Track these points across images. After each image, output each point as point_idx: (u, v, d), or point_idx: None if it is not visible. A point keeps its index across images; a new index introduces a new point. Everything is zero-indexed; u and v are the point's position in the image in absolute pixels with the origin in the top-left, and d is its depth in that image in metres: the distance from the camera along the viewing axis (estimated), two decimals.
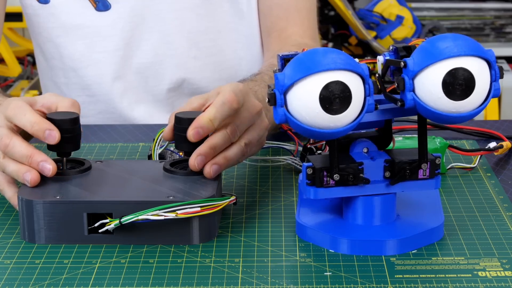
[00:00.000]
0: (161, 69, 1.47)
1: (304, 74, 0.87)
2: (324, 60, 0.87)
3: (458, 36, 0.89)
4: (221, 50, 1.49)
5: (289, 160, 1.16)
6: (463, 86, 0.88)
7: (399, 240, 0.92)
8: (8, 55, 3.18)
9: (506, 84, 3.22)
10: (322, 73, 0.86)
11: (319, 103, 0.86)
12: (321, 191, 0.92)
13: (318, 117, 0.87)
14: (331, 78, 0.86)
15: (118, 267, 0.90)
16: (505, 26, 3.53)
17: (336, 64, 0.87)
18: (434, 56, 0.88)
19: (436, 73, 0.88)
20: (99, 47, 1.45)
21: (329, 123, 0.87)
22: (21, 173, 0.98)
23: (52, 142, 0.99)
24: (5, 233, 0.98)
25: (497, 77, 0.90)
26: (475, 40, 0.90)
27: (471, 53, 0.88)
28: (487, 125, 1.28)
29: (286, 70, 0.88)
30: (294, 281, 0.87)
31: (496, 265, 0.90)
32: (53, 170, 0.98)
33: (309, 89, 0.87)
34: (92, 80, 1.47)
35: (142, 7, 1.44)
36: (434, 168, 0.94)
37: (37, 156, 0.98)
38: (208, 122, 0.98)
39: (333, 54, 0.88)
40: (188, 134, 0.98)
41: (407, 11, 3.28)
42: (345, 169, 0.92)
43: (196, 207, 0.92)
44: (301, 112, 0.87)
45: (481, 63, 0.89)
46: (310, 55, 0.88)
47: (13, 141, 0.99)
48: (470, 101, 0.89)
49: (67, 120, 1.00)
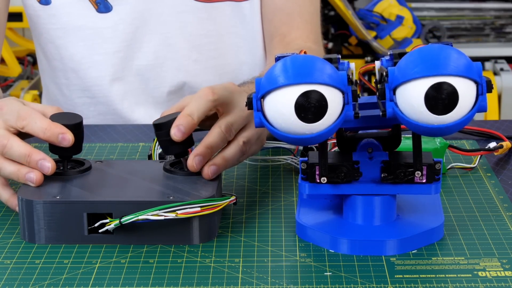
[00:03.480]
0: (162, 71, 1.47)
1: (280, 84, 0.87)
2: (304, 71, 0.87)
3: (445, 49, 0.87)
4: (222, 54, 1.49)
5: (289, 160, 1.16)
6: (446, 101, 0.85)
7: (399, 240, 0.92)
8: (8, 55, 3.19)
9: (506, 84, 3.22)
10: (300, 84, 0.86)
11: (294, 111, 0.86)
12: (313, 187, 0.93)
13: (293, 125, 0.87)
14: (307, 88, 0.86)
15: (118, 267, 0.90)
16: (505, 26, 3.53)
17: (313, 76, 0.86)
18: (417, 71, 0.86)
19: (419, 87, 0.85)
20: (100, 48, 1.45)
21: (304, 131, 0.87)
22: (22, 174, 0.98)
23: (67, 145, 0.99)
24: (5, 233, 0.98)
25: (484, 91, 0.87)
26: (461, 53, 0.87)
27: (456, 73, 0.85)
28: (487, 125, 1.28)
29: (266, 76, 0.88)
30: (294, 281, 0.87)
31: (496, 265, 0.90)
32: (52, 168, 0.98)
33: (285, 97, 0.87)
34: (93, 82, 1.47)
35: (143, 9, 1.44)
36: (433, 173, 0.93)
37: (35, 154, 0.98)
38: (187, 117, 0.98)
39: (313, 64, 0.87)
40: (171, 134, 0.98)
41: (407, 11, 3.28)
42: (338, 167, 0.92)
43: (196, 207, 0.92)
44: (276, 118, 0.88)
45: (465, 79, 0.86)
46: (292, 63, 0.88)
47: (10, 141, 0.99)
48: (452, 116, 0.86)
49: (71, 126, 1.00)
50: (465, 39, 3.51)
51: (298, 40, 1.45)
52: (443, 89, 0.85)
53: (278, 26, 1.47)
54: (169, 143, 0.99)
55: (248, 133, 1.03)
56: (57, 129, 0.99)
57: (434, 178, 0.93)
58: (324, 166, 0.92)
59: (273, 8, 1.48)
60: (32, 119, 1.00)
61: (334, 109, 0.87)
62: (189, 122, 0.98)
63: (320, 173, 0.93)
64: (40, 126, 0.99)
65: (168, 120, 0.99)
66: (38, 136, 0.99)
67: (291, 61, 0.88)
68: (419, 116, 0.86)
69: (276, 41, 1.48)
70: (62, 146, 0.99)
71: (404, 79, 0.86)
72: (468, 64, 0.86)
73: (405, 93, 0.86)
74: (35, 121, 1.00)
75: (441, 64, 0.85)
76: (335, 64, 0.91)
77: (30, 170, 0.98)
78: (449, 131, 0.87)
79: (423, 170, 0.92)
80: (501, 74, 3.24)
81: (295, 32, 1.46)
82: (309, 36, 1.47)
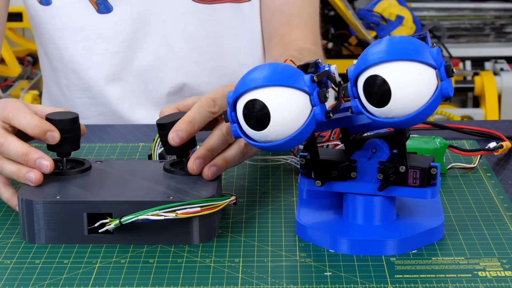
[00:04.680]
0: (162, 72, 1.47)
1: (239, 92, 0.89)
2: (252, 78, 0.89)
3: (395, 39, 0.86)
4: (222, 55, 1.49)
5: (289, 160, 1.16)
6: (378, 94, 0.85)
7: (399, 240, 0.92)
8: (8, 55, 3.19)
9: (506, 84, 3.22)
10: (249, 92, 0.88)
11: (244, 121, 0.89)
12: (311, 183, 0.94)
13: (251, 133, 0.89)
14: (253, 96, 0.88)
15: (118, 267, 0.90)
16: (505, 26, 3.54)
17: (258, 82, 0.88)
18: (362, 63, 0.86)
19: (360, 81, 0.87)
20: (100, 49, 1.45)
21: (261, 138, 0.89)
22: (22, 173, 0.98)
23: (53, 142, 0.99)
24: (5, 233, 0.98)
25: (443, 77, 0.85)
26: (417, 40, 0.86)
27: (395, 57, 0.85)
28: (487, 125, 1.28)
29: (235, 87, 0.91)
30: (294, 281, 0.87)
31: (496, 265, 0.90)
32: (51, 166, 0.98)
33: (239, 109, 0.89)
34: (93, 82, 1.47)
35: (144, 10, 1.44)
36: (428, 177, 0.92)
37: (33, 153, 0.98)
38: (188, 124, 0.98)
39: (261, 71, 0.89)
40: (169, 138, 0.98)
41: (407, 11, 3.29)
42: (331, 164, 0.92)
43: (196, 207, 0.92)
44: (242, 128, 0.90)
45: (409, 67, 0.85)
46: (249, 72, 0.90)
47: (8, 140, 0.99)
48: (398, 106, 0.85)
49: (67, 120, 1.00)
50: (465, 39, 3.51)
51: (297, 41, 1.45)
52: (374, 80, 0.85)
53: (277, 27, 1.47)
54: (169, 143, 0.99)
55: None
56: (46, 126, 0.99)
57: (430, 182, 0.92)
58: (317, 169, 0.93)
59: (272, 9, 1.48)
60: (21, 114, 1.00)
61: (283, 113, 0.88)
62: (188, 129, 0.98)
63: (315, 176, 0.93)
64: (29, 121, 0.99)
65: (172, 121, 0.99)
66: (26, 131, 0.99)
67: (250, 70, 0.90)
68: (372, 110, 0.87)
69: (275, 42, 1.48)
70: (48, 143, 1.00)
71: (355, 74, 0.87)
72: (417, 50, 0.85)
73: (359, 88, 0.87)
74: (23, 115, 0.99)
75: (383, 51, 0.85)
76: (312, 69, 0.91)
77: (30, 170, 0.98)
78: (407, 122, 0.86)
79: (413, 169, 0.92)
80: (501, 74, 3.24)
81: (294, 33, 1.46)
82: (308, 37, 1.47)
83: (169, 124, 0.99)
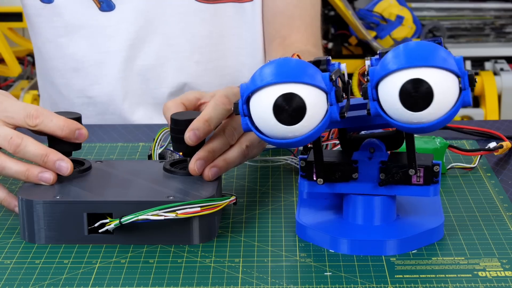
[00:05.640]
0: (163, 72, 1.47)
1: (259, 85, 0.86)
2: (281, 72, 0.86)
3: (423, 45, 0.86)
4: (223, 55, 1.49)
5: (289, 160, 1.16)
6: (419, 97, 0.84)
7: (399, 240, 0.92)
8: (8, 55, 3.19)
9: (506, 84, 3.22)
10: (277, 85, 0.86)
11: (273, 114, 0.86)
12: (312, 185, 0.93)
13: (274, 128, 0.87)
14: (285, 88, 0.86)
15: (118, 267, 0.90)
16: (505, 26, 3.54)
17: (290, 77, 0.86)
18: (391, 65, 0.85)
19: (393, 84, 0.85)
20: (102, 47, 1.45)
21: (287, 134, 0.87)
22: (33, 173, 0.97)
23: (82, 140, 0.99)
24: (5, 233, 0.98)
25: (466, 86, 0.86)
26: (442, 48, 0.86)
27: (431, 64, 0.84)
28: (487, 125, 1.28)
29: (250, 79, 0.88)
30: (294, 281, 0.87)
31: (496, 265, 0.90)
32: (71, 168, 0.98)
33: (263, 101, 0.86)
34: (94, 80, 1.47)
35: (146, 9, 1.44)
36: (431, 175, 0.92)
37: (53, 155, 0.97)
38: (204, 123, 0.98)
39: (292, 65, 0.87)
40: (185, 137, 0.97)
41: (407, 11, 3.29)
42: (334, 166, 0.92)
43: (196, 207, 0.92)
44: (259, 122, 0.88)
45: (443, 73, 0.85)
46: (271, 66, 0.88)
47: (25, 141, 0.97)
48: (430, 112, 0.85)
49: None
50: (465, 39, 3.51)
51: (298, 43, 1.45)
52: (417, 84, 0.84)
53: (279, 29, 1.48)
54: (181, 140, 0.99)
55: (251, 136, 1.03)
56: (74, 125, 0.99)
57: (433, 180, 0.93)
58: (320, 168, 0.92)
59: (274, 11, 1.48)
60: (47, 117, 0.98)
61: (315, 109, 0.87)
62: (205, 129, 0.98)
63: (317, 174, 0.93)
64: (56, 123, 0.98)
65: (186, 119, 0.98)
66: (55, 133, 0.98)
67: (271, 63, 0.88)
68: (396, 114, 0.86)
69: (276, 43, 1.48)
70: (78, 142, 0.99)
71: (381, 75, 0.86)
72: (449, 58, 0.86)
73: (383, 90, 0.86)
74: (50, 119, 0.98)
75: (415, 57, 0.85)
76: (324, 66, 0.90)
77: (43, 170, 0.97)
78: (430, 129, 0.86)
79: (417, 168, 0.92)
80: (501, 74, 3.24)
81: (295, 35, 1.46)
82: (309, 39, 1.47)
83: (183, 122, 0.98)
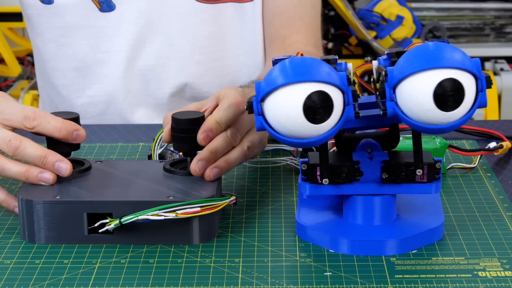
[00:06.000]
0: (164, 72, 1.46)
1: (283, 83, 0.86)
2: (306, 71, 0.86)
3: (441, 46, 0.87)
4: (224, 55, 1.49)
5: (289, 161, 1.16)
6: (453, 97, 0.85)
7: (399, 240, 0.92)
8: (8, 55, 3.18)
9: (506, 84, 3.22)
10: (303, 84, 0.86)
11: (303, 113, 0.86)
12: (315, 188, 0.93)
13: (301, 126, 0.86)
14: (313, 89, 0.86)
15: (118, 267, 0.90)
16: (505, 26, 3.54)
17: (315, 76, 0.86)
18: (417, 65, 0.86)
19: (425, 84, 0.85)
20: (103, 47, 1.45)
21: (312, 132, 0.87)
22: (33, 174, 0.97)
23: (81, 141, 0.99)
24: (5, 233, 0.98)
25: (484, 87, 0.87)
26: (459, 49, 0.87)
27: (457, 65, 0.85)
28: (487, 125, 1.28)
29: (265, 78, 0.88)
30: (294, 281, 0.87)
31: (496, 265, 0.90)
32: (70, 169, 0.98)
33: (291, 99, 0.86)
34: (95, 80, 1.47)
35: (147, 9, 1.44)
36: (433, 172, 0.93)
37: (51, 156, 0.98)
38: (216, 125, 0.98)
39: (314, 64, 0.87)
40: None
41: (407, 11, 3.28)
42: (339, 168, 0.92)
43: (196, 207, 0.92)
44: (281, 121, 0.87)
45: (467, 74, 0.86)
46: (291, 64, 0.88)
47: (23, 143, 0.98)
48: (458, 112, 0.86)
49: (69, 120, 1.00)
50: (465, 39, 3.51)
51: (298, 43, 1.45)
52: (450, 84, 0.85)
53: (279, 29, 1.47)
54: (181, 140, 0.99)
55: (252, 137, 1.03)
56: (72, 126, 0.99)
57: (435, 177, 0.93)
58: (326, 167, 0.92)
59: (274, 11, 1.48)
60: (44, 119, 0.99)
61: (338, 108, 0.87)
62: (217, 130, 0.98)
63: (321, 174, 0.93)
64: (54, 125, 0.99)
65: (187, 119, 0.99)
66: (53, 135, 0.98)
67: (290, 62, 0.88)
68: (424, 114, 0.86)
69: (276, 44, 1.47)
70: (77, 142, 0.99)
71: (403, 76, 0.86)
72: (468, 59, 0.87)
73: (407, 91, 0.86)
74: (48, 120, 0.99)
75: (441, 58, 0.85)
76: (333, 65, 0.90)
77: (43, 170, 0.97)
78: (450, 129, 0.87)
79: (424, 169, 0.92)
80: (501, 74, 3.24)
81: (295, 36, 1.46)
82: (309, 39, 1.47)
83: (184, 121, 0.98)
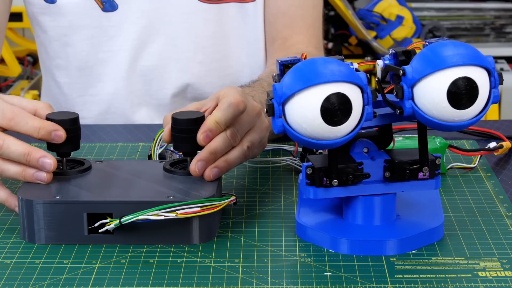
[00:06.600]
0: (166, 72, 1.46)
1: (303, 86, 0.86)
2: (324, 71, 0.86)
3: (458, 44, 0.88)
4: (225, 55, 1.49)
5: (289, 161, 1.16)
6: (467, 95, 0.87)
7: (399, 240, 0.92)
8: (8, 55, 3.18)
9: (506, 84, 3.21)
10: (323, 85, 0.86)
11: (320, 115, 0.86)
12: (321, 191, 0.92)
13: (319, 128, 0.86)
14: (332, 90, 0.86)
15: (118, 267, 0.90)
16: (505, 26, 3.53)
17: (335, 76, 0.86)
18: (435, 65, 0.87)
19: (440, 83, 0.87)
20: (105, 46, 1.45)
21: (330, 134, 0.87)
22: (29, 173, 0.97)
23: (59, 141, 0.99)
24: (5, 233, 0.98)
25: (497, 84, 0.89)
26: (473, 47, 0.89)
27: (472, 62, 0.87)
28: (487, 125, 1.28)
29: (285, 80, 0.87)
30: (294, 281, 0.87)
31: (496, 265, 0.90)
32: (54, 165, 0.98)
33: (310, 101, 0.86)
34: (97, 79, 1.47)
35: (149, 9, 1.44)
36: (434, 169, 0.94)
37: (35, 153, 0.98)
38: (215, 124, 0.98)
39: (332, 65, 0.87)
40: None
41: (407, 11, 3.28)
42: (344, 170, 0.92)
43: (196, 207, 0.92)
44: (301, 123, 0.87)
45: (482, 71, 0.88)
46: (310, 65, 0.87)
47: (6, 142, 0.98)
48: (472, 109, 0.88)
49: (67, 120, 1.00)
50: (465, 39, 3.51)
51: (300, 44, 1.45)
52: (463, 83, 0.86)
53: (280, 30, 1.47)
54: (181, 140, 0.99)
55: (252, 137, 1.02)
56: (50, 126, 0.99)
57: (434, 173, 0.94)
58: (335, 169, 0.92)
59: (276, 11, 1.48)
60: (22, 119, 0.99)
61: (357, 109, 0.87)
62: (217, 130, 0.98)
63: (329, 177, 0.92)
64: (32, 125, 0.98)
65: (187, 119, 0.99)
66: (32, 135, 0.98)
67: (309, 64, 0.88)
68: (441, 112, 0.88)
69: (277, 44, 1.47)
70: (55, 143, 0.99)
71: (422, 75, 0.87)
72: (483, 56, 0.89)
73: (425, 89, 0.88)
74: (26, 121, 0.98)
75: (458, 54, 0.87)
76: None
77: (37, 169, 0.98)
78: (466, 125, 0.89)
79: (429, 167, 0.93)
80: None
81: (296, 36, 1.46)
82: (310, 40, 1.47)
83: (184, 121, 0.98)
